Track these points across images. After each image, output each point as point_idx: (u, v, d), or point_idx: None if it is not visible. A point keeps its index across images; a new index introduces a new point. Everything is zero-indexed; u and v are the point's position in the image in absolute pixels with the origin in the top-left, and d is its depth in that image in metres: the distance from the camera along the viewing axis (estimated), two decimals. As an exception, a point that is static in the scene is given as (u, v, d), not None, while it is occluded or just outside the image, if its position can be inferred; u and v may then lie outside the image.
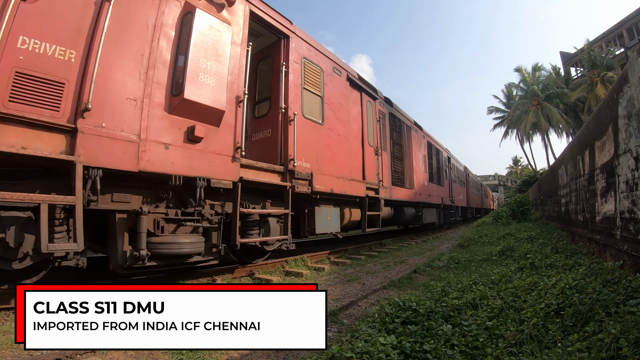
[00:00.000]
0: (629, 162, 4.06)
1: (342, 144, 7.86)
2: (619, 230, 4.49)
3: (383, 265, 7.44)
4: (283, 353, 3.09)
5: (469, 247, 9.86)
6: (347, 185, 7.81)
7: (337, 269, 7.14)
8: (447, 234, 16.68)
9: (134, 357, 2.85)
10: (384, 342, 2.58)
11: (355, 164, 8.27)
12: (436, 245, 11.78)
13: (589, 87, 30.86)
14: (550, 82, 35.33)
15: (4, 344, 2.89)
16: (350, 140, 8.22)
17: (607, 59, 30.70)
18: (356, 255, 8.84)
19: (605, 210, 5.16)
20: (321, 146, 7.12)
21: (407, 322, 3.17)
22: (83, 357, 2.77)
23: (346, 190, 7.76)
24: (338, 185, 7.43)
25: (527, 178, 45.22)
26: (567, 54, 39.04)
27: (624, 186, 4.24)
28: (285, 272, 6.55)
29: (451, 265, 7.14)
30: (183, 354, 2.92)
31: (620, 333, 2.32)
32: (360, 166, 8.53)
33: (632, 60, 3.95)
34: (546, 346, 2.56)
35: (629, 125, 3.98)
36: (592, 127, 6.00)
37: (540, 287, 3.81)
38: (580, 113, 34.33)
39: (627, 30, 32.34)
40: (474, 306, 3.63)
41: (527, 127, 35.05)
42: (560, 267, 4.99)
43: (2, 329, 3.18)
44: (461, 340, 2.75)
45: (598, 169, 5.54)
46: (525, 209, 16.66)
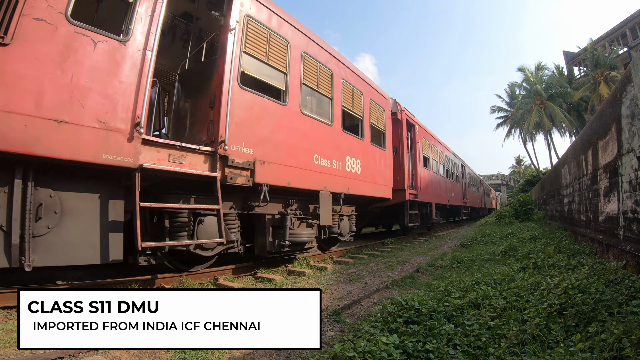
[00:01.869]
0: (632, 162, 4.05)
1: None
2: (622, 230, 4.47)
3: (385, 265, 7.44)
4: (285, 352, 3.10)
5: (472, 246, 9.84)
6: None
7: (340, 268, 7.14)
8: (450, 233, 16.66)
9: (136, 356, 2.87)
10: (386, 342, 2.58)
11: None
12: (439, 244, 11.76)
13: (592, 86, 30.69)
14: (554, 81, 35.18)
15: (7, 343, 2.91)
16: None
17: (610, 58, 30.53)
18: (359, 254, 8.84)
19: (608, 210, 5.14)
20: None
21: (409, 322, 3.17)
22: (86, 356, 2.78)
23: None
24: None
25: (530, 177, 45.11)
26: (570, 54, 38.85)
27: (627, 186, 4.22)
28: (288, 271, 6.56)
29: (454, 264, 7.13)
30: (185, 352, 2.93)
31: (622, 333, 2.31)
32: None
33: (635, 59, 3.93)
34: (549, 346, 2.56)
35: (632, 125, 3.96)
36: (595, 127, 5.97)
37: (543, 287, 3.80)
38: (584, 112, 34.17)
39: (631, 30, 32.15)
40: (476, 306, 3.62)
41: (530, 126, 34.93)
42: (563, 267, 4.98)
43: (5, 327, 3.20)
44: (463, 340, 2.74)
45: (601, 168, 5.52)
46: (528, 208, 16.62)
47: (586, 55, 32.45)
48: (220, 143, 4.89)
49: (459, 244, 10.89)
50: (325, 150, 7.28)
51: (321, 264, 7.32)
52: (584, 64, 36.02)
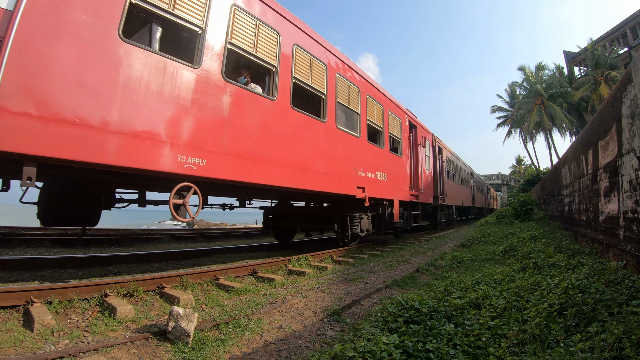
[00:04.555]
0: (632, 162, 4.05)
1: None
2: (622, 230, 4.47)
3: (386, 265, 7.44)
4: (285, 352, 3.11)
5: (472, 246, 9.84)
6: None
7: (340, 267, 7.15)
8: (450, 233, 16.67)
9: (136, 356, 2.87)
10: (386, 342, 2.58)
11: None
12: (439, 244, 11.76)
13: (593, 86, 30.69)
14: (554, 81, 35.19)
15: (7, 342, 2.91)
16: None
17: (610, 58, 30.53)
18: (359, 254, 8.84)
19: (609, 210, 5.14)
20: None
21: (409, 322, 3.17)
22: (86, 355, 2.79)
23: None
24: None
25: (530, 177, 45.13)
26: (570, 53, 38.85)
27: (628, 186, 4.22)
28: (288, 270, 6.56)
29: (454, 264, 7.13)
30: (186, 352, 2.94)
31: (623, 333, 2.31)
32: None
33: (636, 59, 3.93)
34: (549, 346, 2.56)
35: (633, 125, 3.96)
36: (596, 127, 5.97)
37: (543, 286, 3.80)
38: (584, 112, 34.17)
39: (631, 30, 32.15)
40: (476, 306, 3.63)
41: (531, 126, 34.93)
42: (564, 266, 4.98)
43: (5, 327, 3.20)
44: (464, 340, 2.75)
45: (601, 168, 5.52)
46: (528, 208, 16.62)
47: (586, 55, 32.44)
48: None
49: (459, 244, 10.89)
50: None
51: (321, 263, 7.33)
52: (584, 64, 36.04)
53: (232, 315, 3.78)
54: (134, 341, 3.08)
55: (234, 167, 5.09)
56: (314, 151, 6.90)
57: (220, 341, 3.19)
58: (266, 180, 5.64)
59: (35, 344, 2.93)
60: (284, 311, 4.18)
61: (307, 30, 6.97)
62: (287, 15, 6.36)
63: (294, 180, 6.24)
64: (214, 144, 4.85)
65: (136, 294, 4.34)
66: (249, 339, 3.37)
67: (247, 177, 5.30)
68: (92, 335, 3.21)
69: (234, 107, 5.20)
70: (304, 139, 6.67)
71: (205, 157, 4.70)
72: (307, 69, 6.86)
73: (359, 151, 8.55)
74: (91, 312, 3.76)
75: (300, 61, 6.68)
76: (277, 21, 6.11)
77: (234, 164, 5.09)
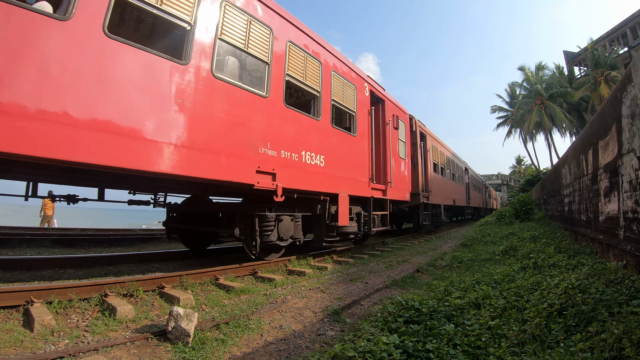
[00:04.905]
0: (632, 162, 4.05)
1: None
2: (622, 230, 4.47)
3: (386, 265, 7.44)
4: (285, 352, 3.11)
5: (472, 246, 9.85)
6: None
7: (340, 268, 7.15)
8: (450, 233, 16.67)
9: (136, 356, 2.87)
10: (386, 342, 2.58)
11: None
12: (439, 244, 11.76)
13: (593, 86, 30.69)
14: (554, 81, 35.19)
15: (7, 342, 2.91)
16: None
17: (610, 58, 30.53)
18: (359, 254, 8.84)
19: (609, 210, 5.14)
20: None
21: (409, 322, 3.17)
22: (86, 355, 2.79)
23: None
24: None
25: (530, 177, 45.13)
26: (570, 53, 38.85)
27: (628, 186, 4.22)
28: (288, 270, 6.56)
29: (454, 264, 7.14)
30: (186, 352, 2.94)
31: (623, 333, 2.31)
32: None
33: (636, 59, 3.93)
34: (549, 346, 2.56)
35: (633, 125, 3.96)
36: (596, 127, 5.97)
37: (543, 286, 3.80)
38: (584, 112, 34.17)
39: (631, 30, 32.16)
40: (476, 306, 3.63)
41: (531, 126, 34.93)
42: (564, 266, 4.98)
43: (5, 327, 3.20)
44: (464, 340, 2.74)
45: (601, 168, 5.52)
46: (528, 208, 16.63)
47: (586, 55, 32.45)
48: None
49: (460, 244, 10.90)
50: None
51: (321, 263, 7.33)
52: (584, 64, 36.05)
53: (232, 315, 3.78)
54: (134, 341, 3.08)
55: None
56: (153, 108, 4.13)
57: (220, 341, 3.19)
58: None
59: (35, 344, 2.93)
60: (284, 311, 4.18)
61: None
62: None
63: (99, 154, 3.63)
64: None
65: (136, 294, 4.34)
66: (249, 339, 3.37)
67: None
68: (92, 335, 3.22)
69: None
70: (139, 88, 4.04)
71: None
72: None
73: (265, 119, 5.68)
74: (91, 312, 3.76)
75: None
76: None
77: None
